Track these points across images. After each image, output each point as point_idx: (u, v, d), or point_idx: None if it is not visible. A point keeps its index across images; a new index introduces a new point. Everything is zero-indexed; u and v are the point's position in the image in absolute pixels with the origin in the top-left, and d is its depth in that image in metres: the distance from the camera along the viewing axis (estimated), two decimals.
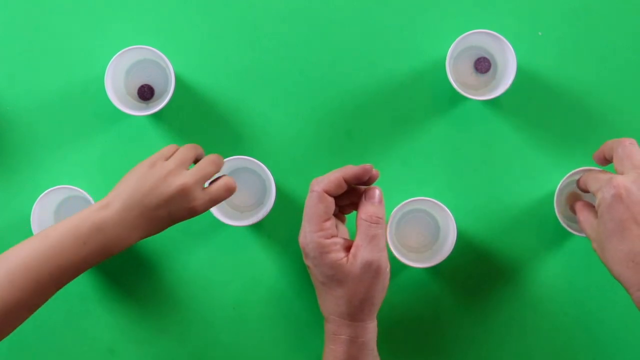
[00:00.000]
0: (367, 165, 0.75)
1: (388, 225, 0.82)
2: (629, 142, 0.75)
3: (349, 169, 0.75)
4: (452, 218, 0.83)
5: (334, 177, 0.75)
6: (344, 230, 0.81)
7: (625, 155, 0.74)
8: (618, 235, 0.71)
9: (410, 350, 0.89)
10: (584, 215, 0.77)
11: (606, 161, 0.79)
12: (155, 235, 0.88)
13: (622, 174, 0.74)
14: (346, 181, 0.75)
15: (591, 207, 0.78)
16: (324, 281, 0.75)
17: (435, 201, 0.84)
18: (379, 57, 0.91)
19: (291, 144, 0.90)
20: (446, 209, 0.84)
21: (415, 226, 0.89)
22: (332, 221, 0.75)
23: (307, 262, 0.75)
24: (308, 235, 0.74)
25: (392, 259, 0.81)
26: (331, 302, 0.75)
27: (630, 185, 0.71)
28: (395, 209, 0.84)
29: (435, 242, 0.88)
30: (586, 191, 0.79)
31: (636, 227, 0.71)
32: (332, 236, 0.74)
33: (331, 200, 0.75)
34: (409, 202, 0.84)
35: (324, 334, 0.77)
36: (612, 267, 0.72)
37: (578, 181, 0.82)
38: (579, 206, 0.79)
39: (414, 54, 0.91)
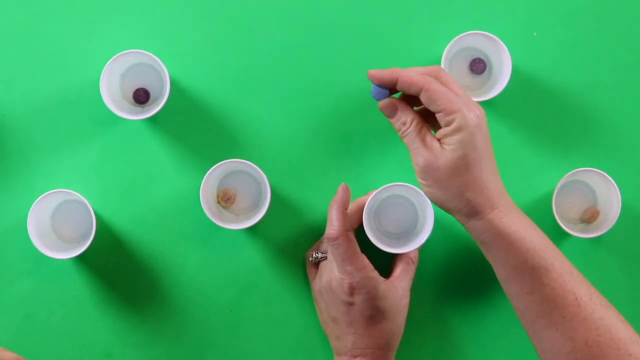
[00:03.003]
0: (342, 185, 0.82)
1: (365, 211, 0.82)
2: (445, 71, 0.73)
3: (340, 201, 0.81)
4: (430, 204, 0.81)
5: (340, 216, 0.79)
6: None
7: (454, 82, 0.73)
8: (480, 163, 0.71)
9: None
10: (423, 132, 0.72)
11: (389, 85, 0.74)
12: (151, 239, 0.89)
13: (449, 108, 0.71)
14: (345, 208, 0.81)
15: (425, 131, 0.73)
16: (371, 314, 0.80)
17: (413, 187, 0.83)
18: (375, 59, 0.90)
19: (287, 146, 0.90)
20: (422, 193, 0.81)
21: (394, 212, 0.88)
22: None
23: (352, 300, 0.80)
24: (357, 274, 0.79)
25: (369, 244, 0.82)
26: (371, 336, 0.80)
27: (485, 117, 0.72)
28: (373, 194, 0.83)
29: (414, 229, 0.88)
30: (399, 91, 0.73)
31: (491, 158, 0.72)
32: (373, 269, 0.80)
33: (353, 237, 0.80)
34: (387, 187, 0.83)
35: None
36: (464, 193, 0.71)
37: (404, 78, 0.72)
38: (410, 115, 0.73)
39: (410, 56, 0.90)
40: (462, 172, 0.71)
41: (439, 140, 0.73)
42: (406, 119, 0.73)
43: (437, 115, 0.72)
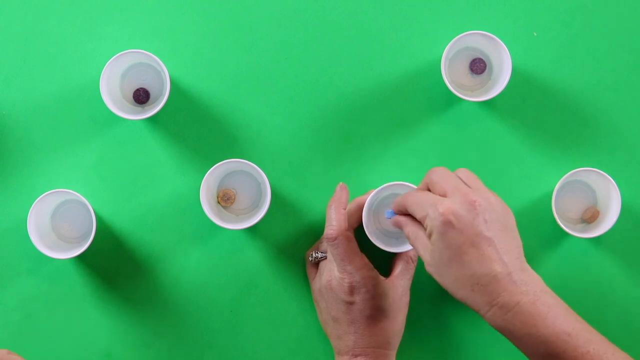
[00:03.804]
0: (340, 184, 0.85)
1: (365, 210, 0.82)
2: (440, 168, 0.74)
3: (338, 200, 0.82)
4: None
5: (339, 215, 0.81)
6: None
7: (442, 179, 0.72)
8: (457, 261, 0.68)
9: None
10: (418, 239, 0.72)
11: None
12: (151, 239, 0.89)
13: (444, 196, 0.71)
14: (343, 207, 0.82)
15: (421, 227, 0.73)
16: (372, 313, 0.80)
17: (412, 186, 0.82)
18: (375, 59, 0.91)
19: (287, 146, 0.90)
20: None
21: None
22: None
23: (352, 299, 0.80)
24: (357, 273, 0.80)
25: (369, 243, 0.83)
26: (372, 335, 0.81)
27: (457, 209, 0.68)
28: (373, 193, 0.83)
29: None
30: (404, 214, 0.75)
31: (474, 250, 0.68)
32: (373, 268, 0.81)
33: (353, 236, 0.81)
34: (387, 186, 0.83)
35: None
36: (457, 292, 0.69)
37: (396, 203, 0.77)
38: (409, 226, 0.74)
39: (410, 56, 0.91)
40: (445, 271, 0.69)
41: None
42: (407, 231, 0.74)
43: None
